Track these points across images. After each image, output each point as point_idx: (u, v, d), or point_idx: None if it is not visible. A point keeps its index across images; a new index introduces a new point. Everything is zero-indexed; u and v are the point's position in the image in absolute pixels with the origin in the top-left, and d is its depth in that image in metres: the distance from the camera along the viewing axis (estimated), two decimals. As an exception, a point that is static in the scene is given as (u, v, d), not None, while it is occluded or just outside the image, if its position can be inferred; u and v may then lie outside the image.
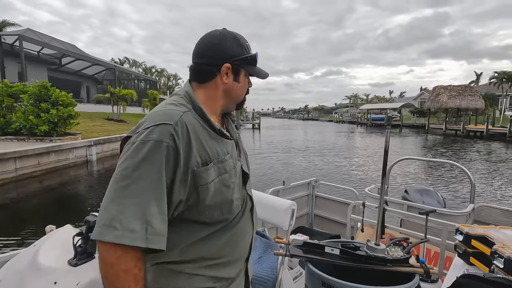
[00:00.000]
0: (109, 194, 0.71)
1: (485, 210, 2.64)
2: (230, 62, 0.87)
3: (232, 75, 0.89)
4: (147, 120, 0.77)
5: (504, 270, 1.35)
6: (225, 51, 0.87)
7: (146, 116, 0.80)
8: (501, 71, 37.47)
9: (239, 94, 0.94)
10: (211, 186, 0.80)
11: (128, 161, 0.72)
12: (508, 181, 9.33)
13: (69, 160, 10.13)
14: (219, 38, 0.88)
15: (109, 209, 0.69)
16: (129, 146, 0.74)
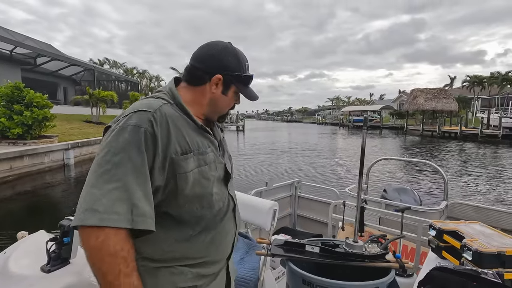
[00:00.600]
0: (90, 180, 0.70)
1: (457, 207, 2.78)
2: (223, 75, 0.89)
3: (222, 87, 0.91)
4: (128, 110, 0.80)
5: (472, 262, 1.43)
6: (222, 63, 0.89)
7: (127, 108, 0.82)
8: (473, 75, 39.54)
9: (223, 106, 0.95)
10: (190, 175, 0.81)
11: (108, 146, 0.72)
12: (478, 179, 9.85)
13: (44, 164, 9.69)
14: (221, 49, 0.90)
15: (90, 194, 0.67)
16: (109, 133, 0.75)
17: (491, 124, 24.18)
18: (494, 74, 36.62)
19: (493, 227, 2.41)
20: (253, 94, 0.96)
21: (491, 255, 1.39)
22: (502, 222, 2.50)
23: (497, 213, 2.55)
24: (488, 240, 1.52)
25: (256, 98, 0.97)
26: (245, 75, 0.93)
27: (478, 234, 1.61)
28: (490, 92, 37.57)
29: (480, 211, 2.62)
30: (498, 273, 1.35)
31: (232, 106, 0.98)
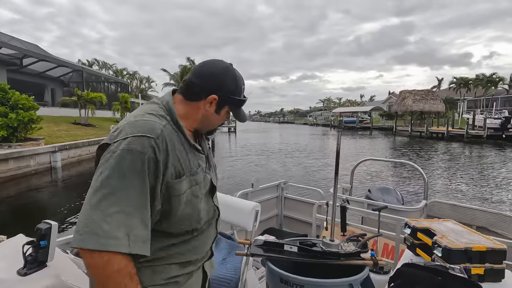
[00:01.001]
0: (91, 200, 0.73)
1: (436, 205, 2.87)
2: (219, 96, 0.92)
3: (215, 106, 0.94)
4: (127, 128, 0.80)
5: (442, 258, 1.50)
6: (220, 84, 0.92)
7: (125, 123, 0.82)
8: (459, 77, 40.61)
9: (214, 123, 0.99)
10: (183, 197, 0.85)
11: (110, 170, 0.74)
12: (461, 178, 10.12)
13: (30, 167, 9.50)
14: (221, 70, 0.93)
15: (91, 216, 0.71)
16: (109, 154, 0.76)
17: (476, 125, 24.85)
18: (479, 76, 37.68)
19: (469, 224, 2.52)
20: (243, 116, 1.02)
21: (459, 251, 1.46)
22: (477, 220, 2.60)
23: (473, 211, 2.65)
24: (457, 237, 1.59)
25: (245, 120, 1.03)
26: (240, 98, 0.97)
27: (449, 231, 1.68)
28: (475, 93, 38.61)
29: (457, 209, 2.72)
30: (465, 268, 1.42)
31: (222, 123, 1.02)
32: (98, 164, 0.79)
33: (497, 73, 40.83)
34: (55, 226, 1.22)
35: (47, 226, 1.20)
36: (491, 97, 33.21)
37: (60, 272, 1.19)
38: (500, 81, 36.19)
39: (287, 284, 1.41)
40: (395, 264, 2.26)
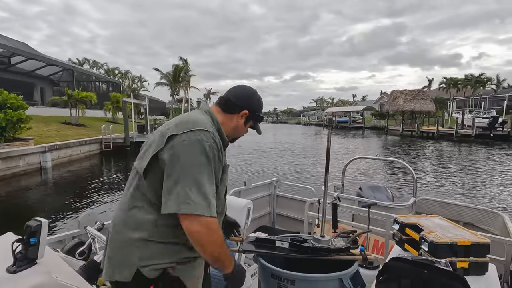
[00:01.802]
0: (190, 176, 0.96)
1: (425, 202, 2.94)
2: (249, 111, 1.21)
3: (245, 119, 1.22)
4: (189, 123, 1.05)
5: (428, 252, 1.54)
6: (251, 103, 1.22)
7: (185, 118, 1.09)
8: (449, 78, 41.32)
9: (240, 133, 1.27)
10: (223, 186, 1.16)
11: (196, 156, 0.98)
12: (450, 176, 10.33)
13: (19, 168, 9.32)
14: (252, 93, 1.25)
15: (196, 190, 0.95)
16: (187, 142, 0.99)
17: (465, 124, 25.36)
18: (468, 76, 38.42)
19: (456, 220, 2.58)
20: (259, 130, 1.32)
21: (445, 246, 1.51)
22: (464, 216, 2.67)
23: (460, 207, 2.72)
24: (443, 232, 1.63)
25: (260, 133, 1.33)
26: (261, 115, 1.29)
27: (436, 226, 1.73)
28: (464, 93, 39.39)
29: (444, 206, 2.78)
30: (451, 262, 1.46)
31: (242, 134, 1.30)
32: (171, 151, 0.99)
33: (485, 73, 41.85)
34: (45, 223, 1.21)
35: (37, 223, 1.20)
36: (479, 97, 33.98)
37: (51, 270, 1.19)
38: (488, 81, 36.98)
39: (279, 279, 1.43)
40: (384, 260, 2.30)
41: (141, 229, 1.03)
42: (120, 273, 1.03)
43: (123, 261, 1.03)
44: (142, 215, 1.03)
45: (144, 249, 1.02)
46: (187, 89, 39.43)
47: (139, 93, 38.69)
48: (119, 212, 1.09)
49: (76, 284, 1.24)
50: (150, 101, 31.16)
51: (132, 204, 1.06)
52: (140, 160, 1.07)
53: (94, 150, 14.36)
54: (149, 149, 1.05)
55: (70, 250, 1.72)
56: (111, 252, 1.06)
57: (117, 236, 1.06)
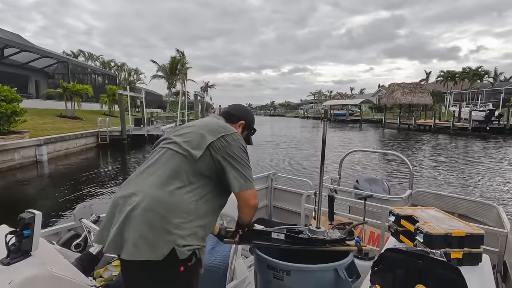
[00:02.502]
0: (245, 164, 1.28)
1: (421, 195, 2.96)
2: (245, 122, 1.52)
3: (241, 129, 1.51)
4: (226, 127, 1.34)
5: (423, 243, 1.55)
6: (246, 116, 1.54)
7: (226, 125, 1.36)
8: (446, 71, 41.30)
9: None
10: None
11: (243, 149, 1.32)
12: (444, 168, 10.42)
13: (15, 161, 9.26)
14: (246, 109, 1.61)
15: (249, 173, 1.29)
16: (236, 139, 1.30)
17: (462, 117, 25.46)
18: (466, 69, 38.43)
19: (451, 212, 2.61)
20: (251, 141, 1.58)
21: (439, 237, 1.52)
22: (459, 208, 2.70)
23: (455, 199, 2.75)
24: (438, 223, 1.64)
25: (252, 144, 1.57)
26: (254, 128, 1.59)
27: (431, 218, 1.74)
28: (462, 86, 39.44)
29: (440, 198, 2.81)
30: (445, 252, 1.47)
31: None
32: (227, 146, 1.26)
33: (483, 66, 41.75)
34: (38, 215, 1.20)
35: (31, 215, 1.19)
36: (476, 90, 34.03)
37: (45, 261, 1.18)
38: (486, 74, 37.01)
39: (274, 270, 1.44)
40: (380, 251, 2.33)
41: (183, 209, 1.12)
42: (154, 252, 1.05)
43: (160, 240, 1.06)
44: (185, 195, 1.15)
45: (184, 229, 1.10)
46: (184, 82, 39.10)
47: (135, 86, 38.32)
48: (153, 189, 1.13)
49: (71, 276, 1.24)
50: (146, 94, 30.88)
51: (172, 183, 1.15)
52: (188, 144, 1.24)
53: (90, 143, 14.27)
54: (200, 138, 1.25)
55: (66, 242, 1.72)
56: (143, 231, 1.05)
57: (153, 214, 1.08)
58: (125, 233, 1.07)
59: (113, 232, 1.09)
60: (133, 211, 1.09)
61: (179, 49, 40.18)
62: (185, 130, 1.34)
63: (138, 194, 1.13)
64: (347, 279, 1.40)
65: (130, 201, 1.12)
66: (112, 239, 1.08)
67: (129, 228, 1.07)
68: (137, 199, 1.11)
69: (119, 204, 1.14)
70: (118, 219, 1.10)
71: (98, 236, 1.17)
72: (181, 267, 1.09)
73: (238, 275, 1.88)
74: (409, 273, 1.25)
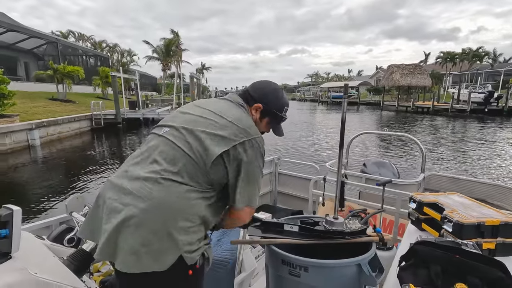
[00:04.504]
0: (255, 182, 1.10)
1: (434, 179, 2.83)
2: (263, 106, 1.19)
3: (259, 114, 1.20)
4: (252, 127, 1.09)
5: (452, 233, 1.41)
6: (266, 98, 1.20)
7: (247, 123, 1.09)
8: (446, 52, 40.67)
9: (258, 128, 1.17)
10: None
11: (260, 163, 1.10)
12: (453, 150, 10.37)
13: (5, 146, 8.99)
14: (271, 89, 1.24)
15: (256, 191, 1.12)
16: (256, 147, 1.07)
17: (461, 99, 25.33)
18: (466, 50, 37.85)
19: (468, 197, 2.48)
20: (280, 132, 1.28)
21: (471, 226, 1.38)
22: (476, 192, 2.57)
23: (471, 183, 2.62)
24: (467, 211, 1.50)
25: (281, 135, 1.28)
26: (280, 114, 1.23)
27: (457, 205, 1.59)
28: (461, 68, 39.02)
29: (455, 182, 2.68)
30: (477, 243, 1.34)
31: (263, 132, 1.25)
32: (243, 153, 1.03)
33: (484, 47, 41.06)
34: (17, 211, 1.02)
35: (8, 211, 1.00)
36: (476, 72, 33.71)
37: (28, 264, 1.01)
38: (486, 55, 36.53)
39: (290, 266, 1.29)
40: (395, 239, 2.21)
41: (188, 212, 0.96)
42: (159, 262, 0.89)
43: (166, 247, 0.90)
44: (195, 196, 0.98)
45: (191, 233, 0.95)
46: (179, 64, 38.14)
47: (129, 68, 37.28)
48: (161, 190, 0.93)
49: (60, 279, 1.07)
50: (141, 76, 30.11)
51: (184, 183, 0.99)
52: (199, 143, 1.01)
53: (84, 127, 13.95)
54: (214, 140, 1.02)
55: (57, 237, 1.55)
56: (149, 236, 0.89)
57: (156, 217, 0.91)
58: (120, 240, 0.90)
59: (105, 237, 0.91)
60: (129, 214, 0.90)
61: (174, 29, 38.90)
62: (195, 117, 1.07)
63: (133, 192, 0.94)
64: (371, 274, 1.26)
65: (125, 200, 0.93)
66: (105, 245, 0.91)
67: (126, 235, 0.89)
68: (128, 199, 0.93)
69: (110, 199, 0.96)
70: (110, 219, 0.92)
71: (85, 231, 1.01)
72: (189, 271, 0.96)
73: (247, 267, 1.75)
74: (446, 270, 1.11)
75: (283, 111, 1.23)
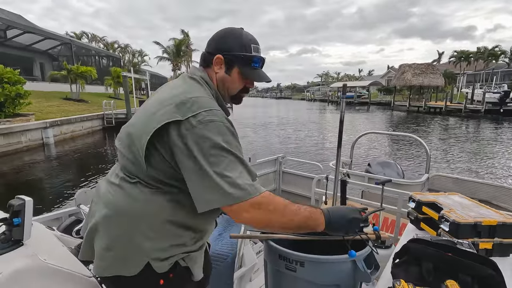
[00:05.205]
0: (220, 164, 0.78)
1: (438, 179, 2.81)
2: (223, 55, 0.94)
3: (225, 67, 0.96)
4: (195, 103, 0.81)
5: (449, 233, 1.42)
6: (222, 45, 0.95)
7: (185, 97, 0.82)
8: (460, 51, 39.72)
9: (230, 87, 0.99)
10: None
11: (220, 137, 0.79)
12: (458, 152, 10.15)
13: (21, 144, 9.31)
14: (224, 32, 0.97)
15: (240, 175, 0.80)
16: (203, 125, 0.78)
17: (475, 99, 24.68)
18: (481, 49, 36.87)
19: (471, 198, 2.46)
20: (260, 76, 0.99)
21: (467, 226, 1.38)
22: (480, 193, 2.55)
23: (475, 184, 2.59)
24: (465, 211, 1.51)
25: (264, 80, 1.00)
26: (245, 54, 0.94)
27: (456, 205, 1.60)
28: (475, 67, 38.02)
29: (459, 183, 2.66)
30: (473, 243, 1.35)
31: (243, 88, 1.01)
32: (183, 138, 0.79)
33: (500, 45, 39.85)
34: (29, 201, 1.09)
35: (20, 201, 1.08)
36: (491, 71, 32.75)
37: (39, 251, 1.09)
38: (502, 54, 35.47)
39: (287, 260, 1.33)
40: (395, 238, 2.22)
41: (156, 214, 0.86)
42: (126, 267, 0.87)
43: (130, 253, 0.86)
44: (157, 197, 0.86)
45: (159, 239, 0.86)
46: (189, 64, 38.52)
47: (140, 68, 37.91)
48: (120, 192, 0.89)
49: (68, 266, 1.15)
50: (151, 76, 30.57)
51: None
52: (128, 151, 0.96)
53: (96, 126, 14.29)
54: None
55: (67, 228, 1.64)
56: (112, 241, 0.87)
57: (122, 220, 0.87)
58: (94, 242, 0.91)
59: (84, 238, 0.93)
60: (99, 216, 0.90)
61: (184, 30, 39.33)
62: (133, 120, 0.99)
63: (101, 196, 0.93)
64: (366, 271, 1.29)
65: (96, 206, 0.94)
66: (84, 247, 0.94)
67: (101, 238, 0.89)
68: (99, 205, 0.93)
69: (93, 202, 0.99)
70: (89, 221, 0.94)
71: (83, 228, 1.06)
72: (160, 280, 0.88)
73: (247, 262, 1.80)
74: (437, 267, 1.13)
75: (251, 49, 0.95)
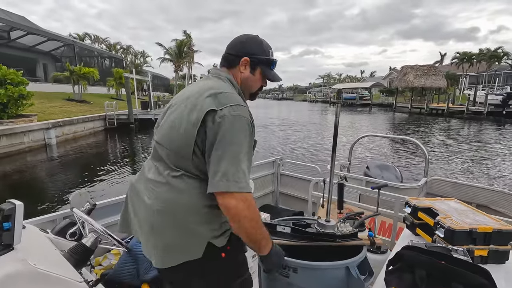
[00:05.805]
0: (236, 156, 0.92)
1: (436, 183, 2.79)
2: (250, 57, 1.10)
3: (249, 68, 1.12)
4: (227, 97, 0.97)
5: (444, 239, 1.41)
6: (248, 49, 1.11)
7: (219, 91, 0.98)
8: (462, 52, 39.56)
9: (252, 85, 1.15)
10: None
11: (242, 133, 0.94)
12: (460, 155, 10.08)
13: (24, 145, 9.36)
14: (247, 38, 1.13)
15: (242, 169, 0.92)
16: (233, 117, 0.93)
17: (477, 101, 24.54)
18: (483, 50, 36.69)
19: (469, 202, 2.44)
20: (276, 77, 1.17)
21: (463, 232, 1.37)
22: (479, 198, 2.53)
23: (474, 189, 2.57)
24: (461, 217, 1.49)
25: (279, 80, 1.17)
26: (268, 58, 1.13)
27: (452, 211, 1.58)
28: (478, 69, 37.83)
29: (457, 187, 2.64)
30: (468, 250, 1.33)
31: (260, 87, 1.18)
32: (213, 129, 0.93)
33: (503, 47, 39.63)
34: (19, 206, 1.09)
35: (11, 206, 1.08)
36: (493, 73, 32.57)
37: (29, 256, 1.09)
38: (505, 55, 35.27)
39: (280, 266, 1.33)
40: (392, 243, 2.20)
41: (200, 201, 0.99)
42: (190, 253, 0.99)
43: (191, 240, 0.99)
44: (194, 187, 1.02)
45: (209, 222, 1.00)
46: (190, 65, 38.63)
47: (142, 69, 38.05)
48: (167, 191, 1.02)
49: (59, 271, 1.14)
50: (153, 77, 30.70)
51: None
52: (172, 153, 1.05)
53: (98, 127, 14.34)
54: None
55: (61, 230, 1.64)
56: (172, 234, 1.00)
57: (174, 212, 1.00)
58: (152, 239, 1.04)
59: (144, 238, 1.08)
60: (150, 215, 1.04)
61: (186, 31, 39.45)
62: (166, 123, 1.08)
63: (147, 192, 1.06)
64: (359, 277, 1.28)
65: (143, 202, 1.08)
66: (144, 247, 1.09)
67: (155, 234, 1.03)
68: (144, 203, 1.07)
69: (133, 201, 1.14)
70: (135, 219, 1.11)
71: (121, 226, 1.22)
72: (222, 253, 1.02)
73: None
74: (431, 274, 1.12)
75: (269, 54, 1.14)
